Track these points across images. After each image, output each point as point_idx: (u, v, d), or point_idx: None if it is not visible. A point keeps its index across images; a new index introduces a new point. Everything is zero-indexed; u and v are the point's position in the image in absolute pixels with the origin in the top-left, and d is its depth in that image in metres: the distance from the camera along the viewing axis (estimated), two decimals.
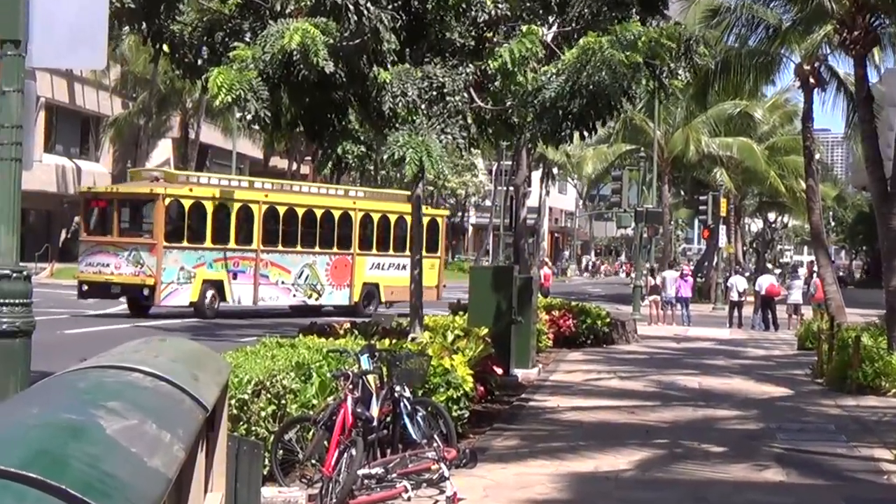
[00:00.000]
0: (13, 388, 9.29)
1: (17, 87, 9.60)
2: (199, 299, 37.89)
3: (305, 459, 11.75)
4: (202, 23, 17.39)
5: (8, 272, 9.51)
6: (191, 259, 37.89)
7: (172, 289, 37.13)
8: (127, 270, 37.11)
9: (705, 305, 57.91)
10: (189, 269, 37.70)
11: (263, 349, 13.70)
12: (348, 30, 15.85)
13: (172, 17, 17.13)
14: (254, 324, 35.06)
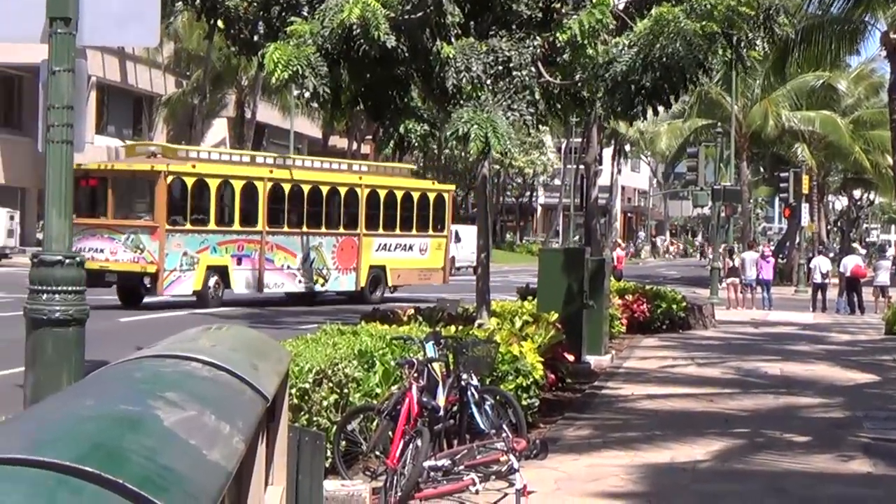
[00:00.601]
0: (67, 377, 9.37)
1: (67, 66, 9.65)
2: (203, 287, 35.75)
3: (369, 451, 11.77)
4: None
5: (60, 258, 9.57)
6: (194, 243, 35.77)
7: (175, 276, 35.06)
8: (125, 257, 34.80)
9: (787, 288, 57.46)
10: (192, 254, 35.59)
11: (324, 337, 13.74)
12: (410, 2, 15.84)
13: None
14: (313, 311, 35.10)
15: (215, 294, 36.07)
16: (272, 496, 4.98)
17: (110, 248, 34.80)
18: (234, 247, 36.94)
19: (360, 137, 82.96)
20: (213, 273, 36.04)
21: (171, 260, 34.73)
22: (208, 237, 36.24)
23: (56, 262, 9.56)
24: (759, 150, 75.15)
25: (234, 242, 36.99)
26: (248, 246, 37.39)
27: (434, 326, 15.28)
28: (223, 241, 36.65)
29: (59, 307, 9.58)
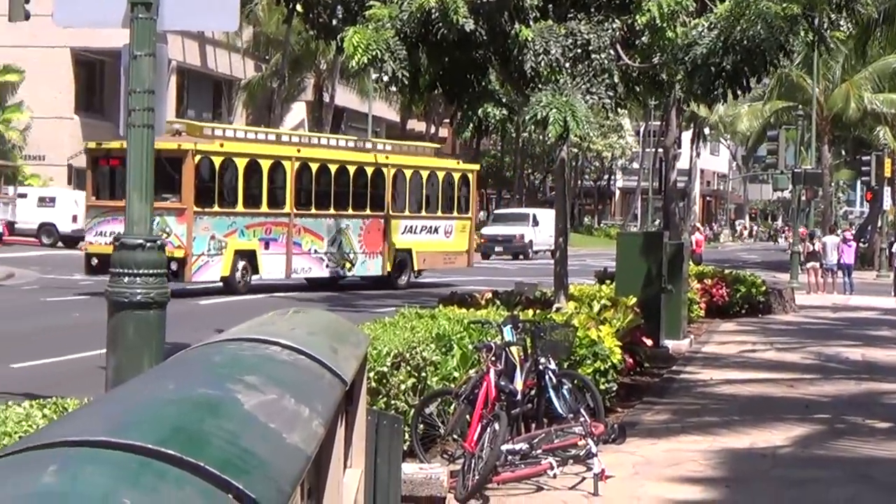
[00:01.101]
0: (148, 360, 9.45)
1: (148, 51, 9.73)
2: (231, 273, 33.73)
3: (447, 434, 11.78)
4: None
5: (142, 241, 9.66)
6: (222, 226, 33.60)
7: (203, 262, 32.97)
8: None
9: (868, 273, 56.85)
10: (220, 237, 33.46)
11: (402, 320, 13.77)
12: None
13: None
14: (390, 294, 35.17)
15: (243, 280, 34.40)
16: (351, 479, 4.99)
17: None
18: (261, 230, 35.21)
19: (438, 121, 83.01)
20: (240, 258, 34.29)
21: (199, 244, 32.92)
22: (236, 220, 34.42)
23: (137, 245, 9.66)
24: (841, 132, 74.22)
25: (261, 225, 35.24)
26: (276, 229, 35.67)
27: (512, 310, 15.28)
28: (251, 223, 34.93)
29: (141, 290, 9.67)
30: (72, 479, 1.74)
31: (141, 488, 1.75)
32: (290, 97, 74.56)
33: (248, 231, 34.63)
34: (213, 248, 33.15)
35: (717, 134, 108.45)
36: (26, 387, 14.36)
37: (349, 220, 38.18)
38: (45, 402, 6.47)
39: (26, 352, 19.73)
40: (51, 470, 1.75)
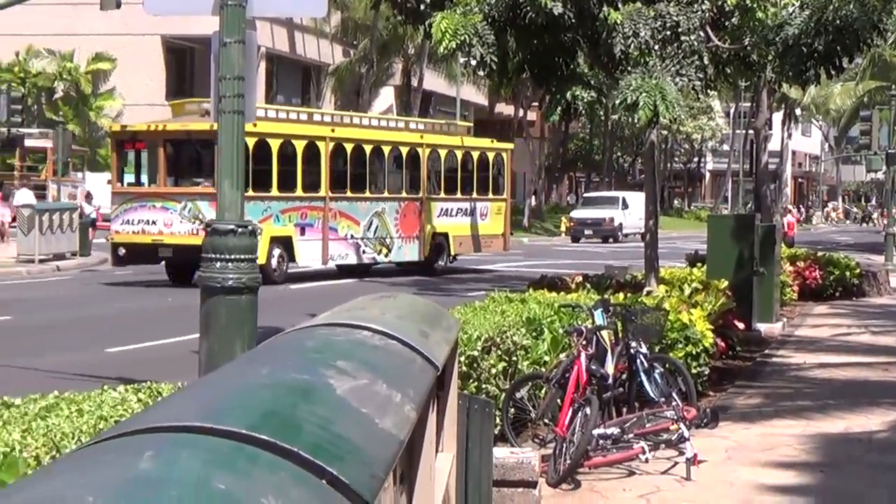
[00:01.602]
0: (240, 345, 9.53)
1: (238, 37, 9.79)
2: (267, 261, 30.77)
3: (538, 418, 11.77)
4: None
5: (233, 227, 9.75)
6: (257, 211, 30.48)
7: None
8: (181, 228, 30.75)
9: None
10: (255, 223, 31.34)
11: (492, 304, 13.76)
12: None
13: None
14: (480, 277, 35.17)
15: (279, 268, 32.41)
16: (442, 463, 5.00)
17: (164, 219, 31.33)
18: (297, 215, 33.26)
19: (526, 104, 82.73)
20: (276, 245, 32.26)
21: None
22: (271, 204, 32.40)
23: (229, 230, 9.75)
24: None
25: (297, 210, 33.26)
26: (312, 214, 33.81)
27: (602, 294, 15.22)
28: (286, 208, 33.03)
29: (233, 275, 9.76)
30: (167, 464, 1.76)
31: (235, 473, 1.76)
32: (379, 82, 74.84)
33: (284, 216, 32.92)
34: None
35: (809, 115, 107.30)
36: (121, 371, 14.55)
37: (385, 204, 36.70)
38: (139, 387, 6.54)
39: (120, 336, 20.01)
40: (147, 455, 1.77)
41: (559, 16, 15.69)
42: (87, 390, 6.55)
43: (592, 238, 67.50)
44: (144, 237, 31.10)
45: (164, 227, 31.13)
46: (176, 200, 31.29)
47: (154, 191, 32.18)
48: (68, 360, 16.64)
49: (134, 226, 31.48)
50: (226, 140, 9.89)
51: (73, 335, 21.01)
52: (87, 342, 19.44)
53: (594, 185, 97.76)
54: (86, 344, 19.16)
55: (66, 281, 32.98)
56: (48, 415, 5.75)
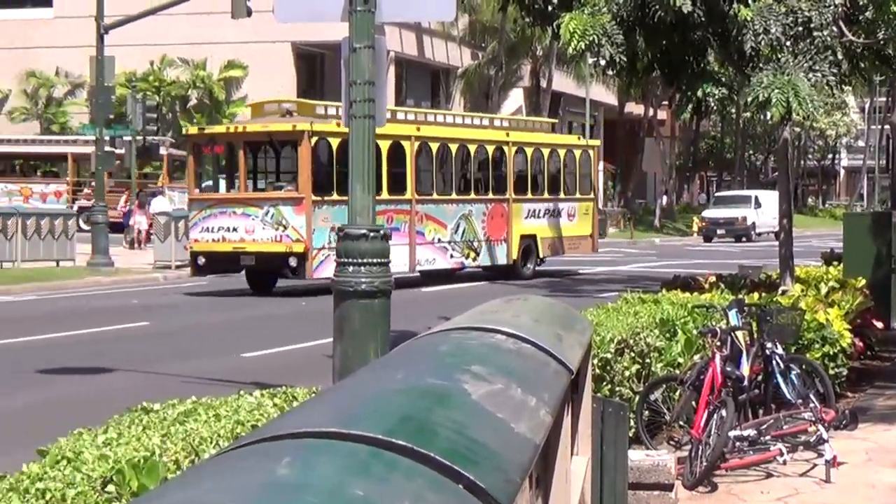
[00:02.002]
0: (374, 348, 9.59)
1: (367, 43, 9.86)
2: None
3: (673, 421, 11.68)
4: None
5: (365, 231, 9.82)
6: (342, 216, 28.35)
7: (324, 256, 28.45)
8: (264, 235, 28.88)
9: None
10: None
11: (625, 306, 13.67)
12: None
13: None
14: (612, 278, 34.96)
15: None
16: (578, 467, 4.98)
17: (245, 225, 29.18)
18: (383, 219, 28.84)
19: (656, 103, 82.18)
20: None
21: (319, 237, 28.63)
22: None
23: (361, 235, 9.82)
24: None
25: (383, 213, 29.05)
26: (398, 217, 31.27)
27: (736, 294, 15.04)
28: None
29: (365, 279, 9.83)
30: (305, 470, 1.77)
31: (372, 479, 1.77)
32: (508, 84, 74.80)
33: None
34: (333, 241, 27.85)
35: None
36: (256, 376, 14.72)
37: (472, 205, 34.11)
38: (275, 392, 6.61)
39: (256, 341, 20.23)
40: (285, 461, 1.78)
41: (689, 14, 15.55)
42: (224, 395, 6.64)
43: (725, 237, 66.83)
44: (225, 245, 29.18)
45: (246, 235, 29.18)
46: (257, 206, 29.35)
47: (234, 196, 30.11)
48: (205, 366, 16.87)
49: (213, 234, 29.51)
50: (356, 144, 9.95)
51: (209, 340, 21.31)
52: (224, 347, 19.69)
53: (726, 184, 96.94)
54: (222, 349, 19.40)
55: (200, 286, 33.36)
56: (186, 420, 5.83)
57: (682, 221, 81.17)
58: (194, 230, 30.40)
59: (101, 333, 22.34)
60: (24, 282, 32.58)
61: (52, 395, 15.34)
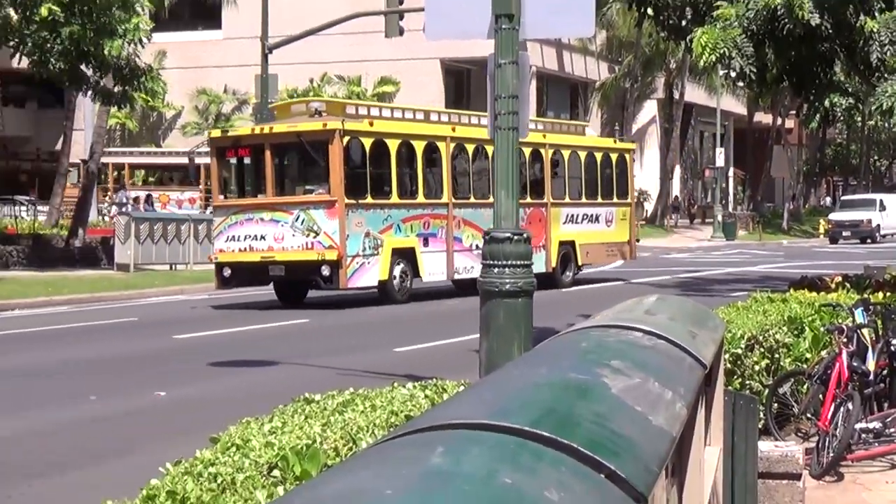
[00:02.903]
0: (517, 345, 9.59)
1: (511, 59, 9.87)
2: (389, 276, 26.28)
3: (800, 413, 11.50)
4: None
5: (510, 235, 9.83)
6: (377, 221, 26.05)
7: (358, 264, 25.59)
8: (294, 243, 25.63)
9: None
10: (375, 234, 25.96)
11: (755, 304, 13.50)
12: None
13: None
14: (742, 278, 34.53)
15: (402, 285, 26.93)
16: (710, 457, 4.93)
17: (274, 233, 25.90)
18: (419, 224, 27.48)
19: (784, 113, 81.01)
20: (399, 258, 26.70)
21: (353, 243, 25.52)
22: (391, 213, 26.73)
23: (505, 238, 9.83)
24: None
25: (419, 218, 27.47)
26: (435, 222, 27.94)
27: (862, 293, 14.77)
28: (408, 217, 27.20)
29: (509, 280, 9.84)
30: (457, 459, 1.77)
31: (520, 469, 1.77)
32: (642, 96, 74.50)
33: (405, 226, 27.08)
34: (368, 248, 25.86)
35: None
36: (408, 369, 14.81)
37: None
38: (426, 384, 6.64)
39: (407, 337, 20.35)
40: (438, 451, 1.79)
41: (816, 26, 15.32)
42: (379, 387, 6.68)
43: (850, 239, 65.60)
44: (252, 255, 25.96)
45: (275, 243, 25.79)
46: (286, 211, 25.92)
47: (261, 202, 26.46)
48: (361, 359, 17.02)
49: (240, 242, 26.16)
50: (501, 154, 9.98)
51: (363, 336, 21.48)
52: (377, 342, 19.83)
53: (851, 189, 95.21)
54: (376, 344, 19.55)
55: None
56: (345, 410, 5.88)
57: (808, 224, 79.97)
58: (219, 239, 27.00)
59: (264, 330, 22.69)
60: (195, 283, 33.20)
61: (221, 386, 15.62)
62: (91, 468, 10.73)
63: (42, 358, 19.12)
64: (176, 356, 18.90)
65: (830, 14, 15.59)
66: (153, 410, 13.95)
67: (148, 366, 17.99)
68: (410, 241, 27.13)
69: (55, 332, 22.97)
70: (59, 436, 12.59)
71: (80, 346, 20.57)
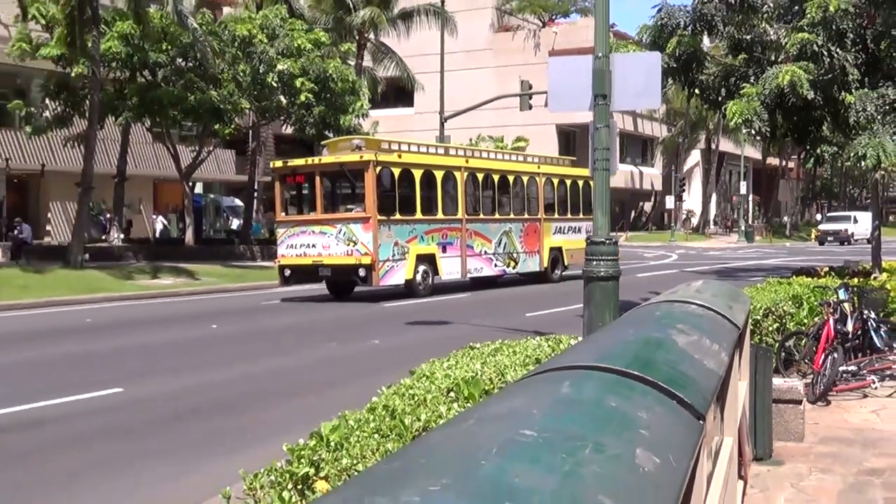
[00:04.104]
0: (608, 313, 9.51)
1: (605, 124, 9.79)
2: (413, 276, 23.92)
3: (800, 360, 11.14)
4: (720, 72, 16.86)
5: (604, 240, 9.77)
6: (404, 233, 23.81)
7: (389, 267, 23.30)
8: (338, 250, 23.26)
9: None
10: (403, 243, 23.73)
11: (768, 286, 13.08)
12: (823, 68, 14.85)
13: (701, 70, 16.73)
14: (757, 268, 33.56)
15: (424, 283, 24.31)
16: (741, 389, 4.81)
17: (322, 242, 23.48)
18: (439, 235, 25.05)
19: (787, 156, 78.62)
20: (421, 262, 24.34)
21: (384, 251, 23.18)
22: (416, 227, 24.30)
23: (601, 242, 9.77)
24: None
25: (438, 231, 25.04)
26: (451, 234, 25.37)
27: (843, 278, 14.24)
28: (429, 230, 24.74)
29: (603, 269, 9.76)
30: (577, 390, 1.75)
31: (620, 396, 1.74)
32: (690, 147, 73.26)
33: (427, 237, 24.66)
34: (396, 254, 23.62)
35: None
36: (536, 327, 14.74)
37: (511, 224, 27.53)
38: (548, 338, 6.59)
39: (534, 306, 20.26)
40: (565, 384, 1.76)
41: (812, 100, 14.82)
42: (517, 339, 6.65)
43: (833, 242, 63.33)
44: (306, 259, 23.61)
45: (323, 250, 23.42)
46: (332, 225, 23.40)
47: (312, 218, 23.81)
48: (504, 321, 17.01)
49: (297, 249, 23.86)
50: (599, 187, 9.91)
51: (507, 306, 21.46)
52: (515, 309, 19.80)
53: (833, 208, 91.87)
54: (514, 311, 19.52)
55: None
56: (496, 354, 5.87)
57: (804, 232, 77.54)
58: (281, 247, 24.38)
59: (442, 301, 22.80)
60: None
61: (415, 337, 15.74)
62: (330, 392, 10.78)
63: (311, 318, 19.52)
64: (386, 318, 19.15)
65: (821, 91, 15.06)
66: (372, 352, 14.13)
67: (369, 323, 18.26)
68: (432, 249, 24.55)
69: (321, 297, 23.34)
70: (312, 369, 12.80)
71: (329, 310, 20.95)
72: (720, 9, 16.30)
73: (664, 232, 69.33)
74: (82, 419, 9.37)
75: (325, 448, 3.76)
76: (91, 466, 7.60)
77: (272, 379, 11.75)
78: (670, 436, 1.65)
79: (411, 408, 4.32)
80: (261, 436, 8.40)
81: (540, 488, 1.06)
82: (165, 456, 7.90)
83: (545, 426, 1.34)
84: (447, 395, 4.64)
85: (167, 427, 9.03)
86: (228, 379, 11.78)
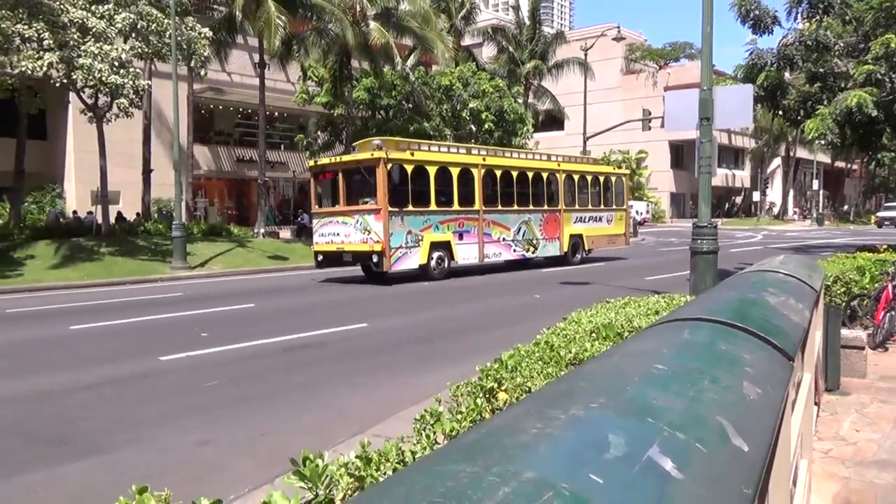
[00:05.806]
0: (709, 279, 9.05)
1: (708, 139, 9.27)
2: (427, 262, 19.77)
3: (862, 316, 10.18)
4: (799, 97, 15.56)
5: (706, 224, 9.28)
6: (417, 222, 19.77)
7: (401, 253, 19.29)
8: (356, 238, 19.72)
9: None
10: (417, 232, 19.75)
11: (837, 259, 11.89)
12: (885, 91, 13.43)
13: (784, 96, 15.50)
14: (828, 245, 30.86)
15: (438, 267, 19.99)
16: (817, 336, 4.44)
17: (344, 231, 19.99)
18: (455, 224, 20.79)
19: (851, 160, 71.90)
20: (436, 248, 20.13)
21: (396, 239, 19.31)
22: (430, 217, 20.04)
23: (703, 226, 9.25)
24: None
25: (454, 220, 20.77)
26: (468, 223, 21.10)
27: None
28: (444, 219, 20.46)
29: (704, 244, 9.28)
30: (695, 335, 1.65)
31: (727, 341, 1.63)
32: (773, 155, 68.41)
33: (443, 226, 20.45)
34: (410, 242, 19.62)
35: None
36: (653, 287, 14.17)
37: (530, 214, 23.24)
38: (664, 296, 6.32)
39: (647, 272, 19.39)
40: (685, 331, 1.67)
41: (875, 116, 13.45)
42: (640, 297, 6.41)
43: (889, 226, 57.42)
44: (332, 246, 20.26)
45: (345, 238, 20.03)
46: (351, 216, 19.94)
47: (336, 210, 20.40)
48: (630, 282, 16.38)
49: (326, 237, 20.45)
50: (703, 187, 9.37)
51: (623, 273, 20.73)
52: (633, 274, 19.08)
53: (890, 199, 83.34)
54: (632, 275, 18.81)
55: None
56: (625, 306, 5.70)
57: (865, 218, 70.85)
58: (315, 235, 21.16)
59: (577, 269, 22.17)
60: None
61: (566, 293, 15.02)
62: (493, 331, 10.26)
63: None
64: (544, 279, 18.90)
65: (883, 109, 13.63)
66: (536, 303, 13.66)
67: (531, 283, 18.03)
68: (447, 236, 20.53)
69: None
70: (459, 320, 12.26)
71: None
72: (799, 49, 15.02)
73: (751, 218, 65.14)
74: (347, 342, 9.83)
75: (504, 369, 3.76)
76: (349, 374, 7.95)
77: (468, 318, 11.80)
78: (768, 372, 1.53)
79: (564, 343, 4.26)
80: (455, 359, 8.49)
81: (672, 408, 1.00)
82: (398, 367, 8.14)
83: (673, 362, 1.26)
84: (590, 335, 4.55)
85: (397, 349, 9.30)
86: (432, 318, 11.77)
